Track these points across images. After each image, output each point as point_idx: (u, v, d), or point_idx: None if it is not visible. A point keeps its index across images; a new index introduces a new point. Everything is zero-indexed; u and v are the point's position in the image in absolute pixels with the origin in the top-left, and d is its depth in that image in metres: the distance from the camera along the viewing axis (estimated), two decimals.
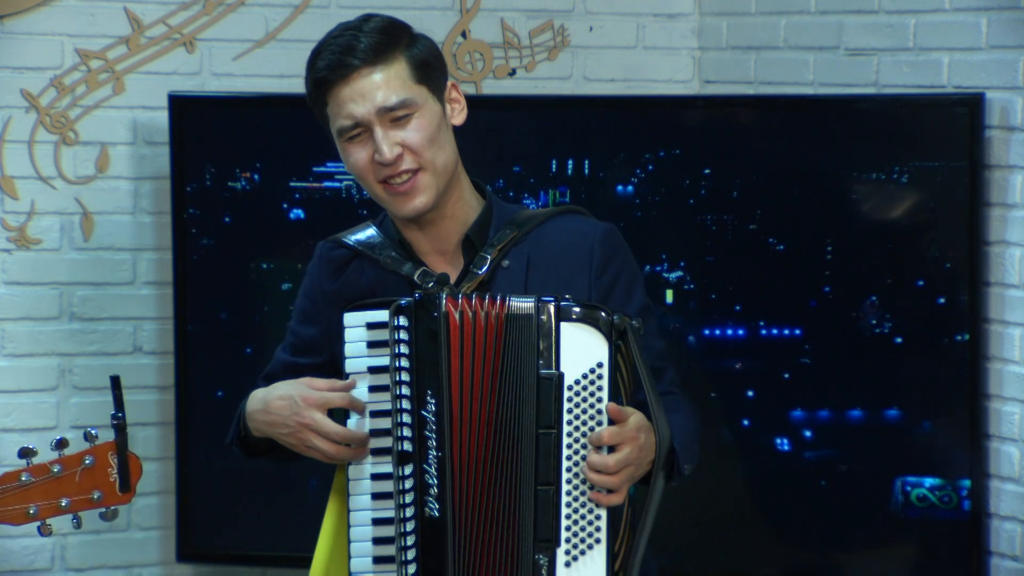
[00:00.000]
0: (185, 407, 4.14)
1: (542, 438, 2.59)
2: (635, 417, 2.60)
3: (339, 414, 2.69)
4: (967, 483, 3.89)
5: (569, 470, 2.59)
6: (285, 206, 4.12)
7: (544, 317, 2.59)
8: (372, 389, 2.67)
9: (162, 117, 4.15)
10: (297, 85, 4.40)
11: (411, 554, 2.61)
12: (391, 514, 2.65)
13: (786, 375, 4.01)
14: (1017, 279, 3.83)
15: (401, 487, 2.62)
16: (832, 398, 3.99)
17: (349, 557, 2.67)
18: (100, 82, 4.22)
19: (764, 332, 4.03)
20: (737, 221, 4.03)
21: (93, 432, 2.70)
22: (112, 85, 4.23)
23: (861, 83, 4.13)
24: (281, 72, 4.33)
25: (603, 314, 2.60)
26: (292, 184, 4.11)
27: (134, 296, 4.28)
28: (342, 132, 2.73)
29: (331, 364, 2.81)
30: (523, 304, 2.61)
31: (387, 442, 2.65)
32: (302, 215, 4.12)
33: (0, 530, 4.17)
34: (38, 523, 2.71)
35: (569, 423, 2.59)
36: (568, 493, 2.59)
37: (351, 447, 2.65)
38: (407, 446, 2.62)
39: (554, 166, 4.07)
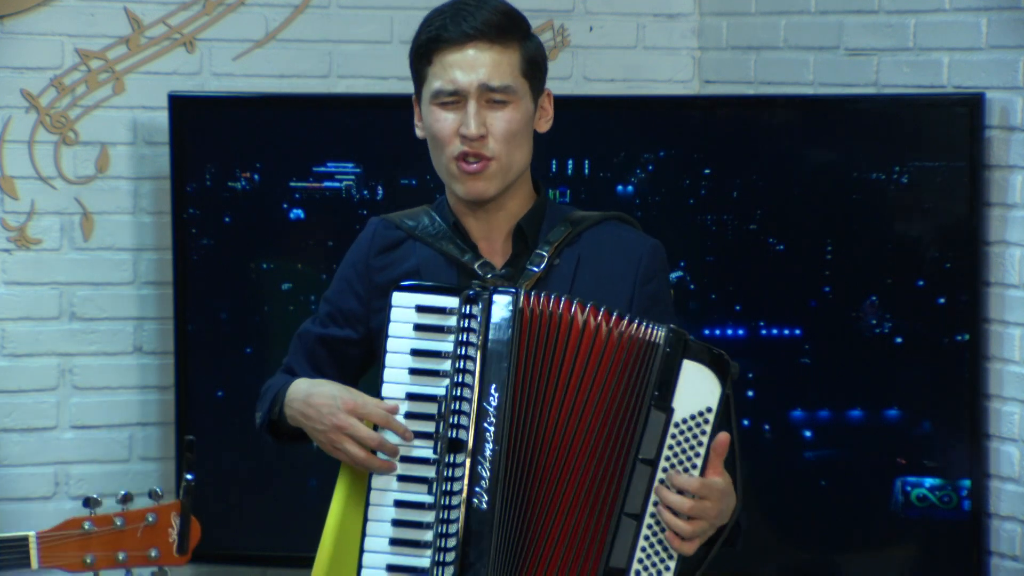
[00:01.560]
0: (185, 407, 4.14)
1: (639, 469, 2.58)
2: (727, 478, 2.61)
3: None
4: (967, 483, 3.89)
5: (656, 503, 2.58)
6: (285, 206, 4.12)
7: (670, 349, 2.59)
8: (413, 372, 2.65)
9: (162, 117, 4.15)
10: (298, 85, 4.43)
11: (452, 542, 2.59)
12: (417, 498, 2.62)
13: (786, 375, 4.01)
14: (1017, 279, 3.83)
15: (450, 474, 2.59)
16: (832, 398, 3.99)
17: (364, 536, 2.65)
18: (100, 82, 4.22)
19: (764, 332, 4.03)
20: (737, 221, 4.03)
21: (159, 491, 2.72)
22: (112, 85, 4.23)
23: (861, 83, 4.13)
24: (281, 72, 4.33)
25: (727, 359, 2.59)
26: (292, 184, 4.11)
27: (134, 296, 4.27)
28: (438, 94, 2.73)
29: (365, 341, 2.81)
30: (653, 331, 2.59)
31: (424, 426, 2.63)
32: (302, 215, 4.12)
33: (0, 529, 4.17)
34: (92, 573, 2.72)
35: (667, 459, 2.58)
36: (649, 527, 2.58)
37: (380, 456, 2.64)
38: (462, 435, 2.60)
39: (554, 166, 4.07)
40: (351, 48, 4.37)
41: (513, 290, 2.62)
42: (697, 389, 2.58)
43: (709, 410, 2.58)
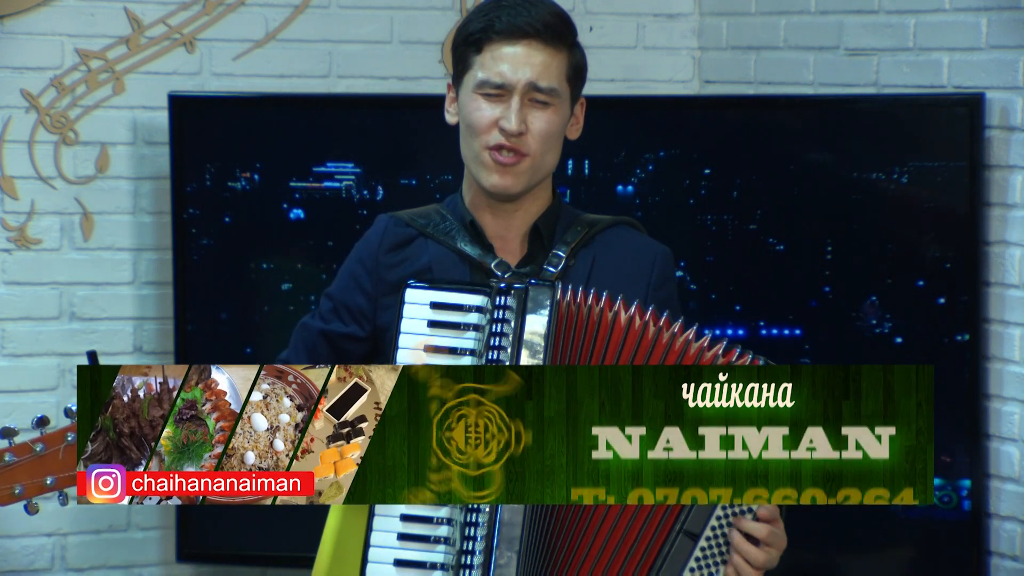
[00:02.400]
0: None
1: None
2: (781, 524, 2.64)
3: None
4: (967, 483, 3.89)
5: (714, 528, 2.58)
6: (285, 206, 4.12)
7: None
8: None
9: (162, 117, 4.15)
10: (298, 85, 4.43)
11: (480, 531, 2.57)
12: None
13: None
14: (1017, 279, 3.83)
15: None
16: None
17: (369, 531, 2.62)
18: (100, 82, 4.22)
19: (764, 332, 4.03)
20: (737, 221, 4.03)
21: (73, 408, 2.70)
22: (112, 85, 4.23)
23: (861, 83, 4.13)
24: (281, 72, 4.33)
25: None
26: (292, 184, 4.11)
27: (134, 296, 4.28)
28: (483, 85, 2.71)
29: (370, 338, 2.80)
30: (749, 358, 2.56)
31: None
32: (302, 215, 4.12)
33: (0, 529, 4.18)
34: (24, 502, 2.71)
35: None
36: (702, 549, 2.58)
37: None
38: None
39: None
40: (351, 48, 4.37)
41: (549, 283, 2.61)
42: None
43: None
